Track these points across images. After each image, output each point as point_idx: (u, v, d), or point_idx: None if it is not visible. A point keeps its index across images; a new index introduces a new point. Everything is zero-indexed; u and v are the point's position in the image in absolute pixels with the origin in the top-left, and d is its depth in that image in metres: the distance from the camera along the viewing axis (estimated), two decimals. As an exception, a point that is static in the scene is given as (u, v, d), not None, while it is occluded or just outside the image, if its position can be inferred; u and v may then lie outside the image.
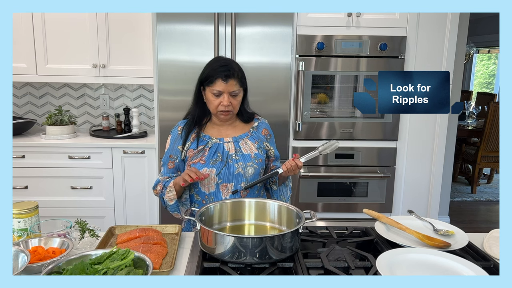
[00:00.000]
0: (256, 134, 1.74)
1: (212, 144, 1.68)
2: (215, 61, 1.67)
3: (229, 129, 1.73)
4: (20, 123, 3.02)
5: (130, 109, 3.21)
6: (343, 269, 1.26)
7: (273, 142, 1.81)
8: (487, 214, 4.45)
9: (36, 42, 2.91)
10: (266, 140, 1.76)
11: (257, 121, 1.78)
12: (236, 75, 1.61)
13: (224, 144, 1.68)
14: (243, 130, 1.74)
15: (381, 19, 2.71)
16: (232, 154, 1.66)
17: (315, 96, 2.79)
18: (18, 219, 1.41)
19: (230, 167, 1.64)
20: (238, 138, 1.71)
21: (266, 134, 1.77)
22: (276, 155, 1.80)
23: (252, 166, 1.67)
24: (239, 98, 1.66)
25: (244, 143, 1.70)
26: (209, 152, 1.66)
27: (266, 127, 1.79)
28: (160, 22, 2.59)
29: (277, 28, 2.65)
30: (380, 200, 2.90)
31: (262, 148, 1.73)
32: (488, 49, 7.46)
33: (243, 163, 1.66)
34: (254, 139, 1.73)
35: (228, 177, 1.65)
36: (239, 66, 1.66)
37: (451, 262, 1.25)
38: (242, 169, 1.65)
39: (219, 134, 1.71)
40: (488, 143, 4.82)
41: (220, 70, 1.60)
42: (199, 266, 1.24)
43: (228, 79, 1.59)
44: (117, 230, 1.54)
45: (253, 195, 1.72)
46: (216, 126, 1.73)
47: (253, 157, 1.68)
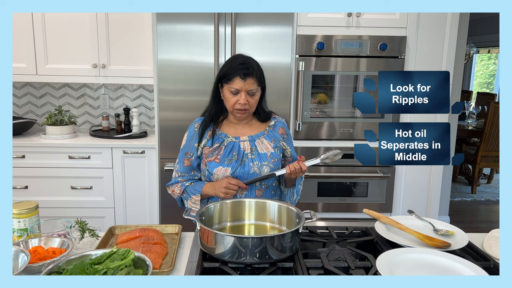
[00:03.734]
0: (273, 133, 1.73)
1: (228, 142, 1.67)
2: (234, 59, 1.65)
3: (245, 127, 1.71)
4: (20, 123, 3.02)
5: (130, 109, 3.20)
6: (343, 269, 1.26)
7: (290, 142, 1.78)
8: (487, 214, 4.45)
9: (36, 42, 2.91)
10: (282, 139, 1.74)
11: (274, 120, 1.76)
12: (254, 73, 1.59)
13: (240, 143, 1.67)
14: (259, 129, 1.72)
15: (381, 19, 2.71)
16: (247, 153, 1.65)
17: (315, 96, 2.79)
18: (18, 219, 1.41)
19: (246, 166, 1.63)
20: (254, 137, 1.69)
21: (282, 133, 1.75)
22: (293, 155, 1.77)
23: (268, 166, 1.65)
24: (256, 97, 1.63)
25: (260, 142, 1.68)
26: (224, 151, 1.65)
27: (283, 126, 1.77)
28: (160, 22, 2.59)
29: (277, 28, 2.65)
30: (380, 200, 2.90)
31: (279, 147, 1.71)
32: (488, 49, 7.46)
33: (258, 162, 1.64)
34: (270, 138, 1.71)
35: (243, 176, 1.63)
36: (258, 64, 1.64)
37: (451, 262, 1.25)
38: (257, 168, 1.64)
39: (235, 133, 1.70)
40: (488, 143, 4.82)
41: (238, 68, 1.57)
42: (199, 266, 1.24)
43: (247, 77, 1.57)
44: (117, 230, 1.54)
45: (268, 195, 1.71)
46: (233, 125, 1.72)
47: (269, 156, 1.66)
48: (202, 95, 2.69)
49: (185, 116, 2.71)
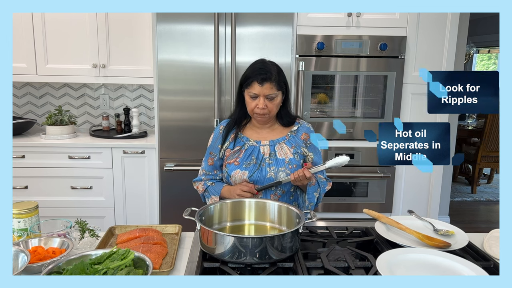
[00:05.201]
0: (294, 138, 1.72)
1: (248, 146, 1.70)
2: (255, 63, 1.68)
3: (267, 132, 1.73)
4: (20, 123, 3.02)
5: (130, 109, 3.20)
6: (343, 269, 1.26)
7: (313, 148, 1.75)
8: (487, 214, 4.45)
9: (36, 42, 2.91)
10: (304, 145, 1.73)
11: (298, 125, 1.76)
12: (273, 78, 1.60)
13: (260, 147, 1.69)
14: (281, 134, 1.73)
15: (381, 19, 2.71)
16: (266, 158, 1.67)
17: (315, 96, 2.79)
18: (18, 219, 1.41)
19: (263, 171, 1.66)
20: (275, 142, 1.70)
21: (305, 138, 1.73)
22: (316, 163, 1.73)
23: (284, 171, 1.65)
24: (276, 102, 1.65)
25: (280, 148, 1.69)
26: (244, 154, 1.68)
27: (306, 132, 1.75)
28: (160, 22, 2.59)
29: (277, 28, 2.65)
30: (380, 200, 2.90)
31: (299, 153, 1.71)
32: (488, 49, 7.46)
33: (275, 167, 1.66)
34: (291, 143, 1.71)
35: (260, 181, 1.66)
36: (278, 69, 1.66)
37: (451, 262, 1.25)
38: (273, 174, 1.66)
39: (257, 137, 1.72)
40: (488, 143, 4.82)
41: (257, 73, 1.60)
42: (199, 266, 1.24)
43: (264, 82, 1.59)
44: (117, 230, 1.54)
45: (286, 200, 1.71)
46: (255, 128, 1.74)
47: (286, 162, 1.67)
48: (202, 95, 2.69)
49: (185, 116, 2.71)
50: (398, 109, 2.80)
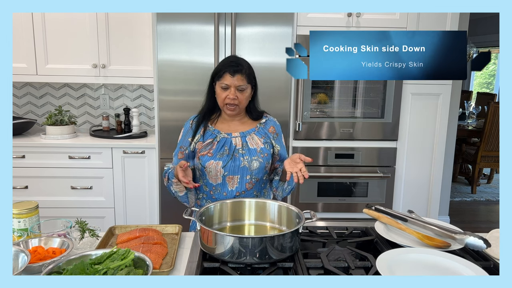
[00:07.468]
0: (263, 130, 1.80)
1: (221, 138, 1.74)
2: (226, 58, 1.77)
3: (238, 125, 1.79)
4: (20, 123, 3.02)
5: (130, 109, 3.20)
6: (343, 269, 1.26)
7: (280, 141, 1.84)
8: (487, 214, 4.45)
9: (36, 42, 2.91)
10: (272, 138, 1.80)
11: (266, 118, 1.84)
12: (244, 71, 1.68)
13: (232, 139, 1.74)
14: (251, 126, 1.80)
15: (381, 19, 2.71)
16: (239, 149, 1.73)
17: (315, 96, 2.79)
18: (18, 219, 1.41)
19: (236, 161, 1.70)
20: (245, 133, 1.77)
21: (272, 132, 1.81)
22: (281, 154, 1.81)
23: (257, 160, 1.72)
24: (246, 94, 1.71)
25: (251, 138, 1.76)
26: (217, 146, 1.73)
27: (273, 125, 1.83)
28: (160, 22, 2.59)
29: (277, 28, 2.65)
30: (380, 200, 2.90)
31: (269, 143, 1.78)
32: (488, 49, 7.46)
33: (248, 157, 1.72)
34: (260, 134, 1.78)
35: (234, 170, 1.70)
36: (248, 64, 1.74)
37: (451, 262, 1.26)
38: (247, 163, 1.71)
39: (228, 129, 1.77)
40: (488, 143, 4.82)
41: (229, 65, 1.69)
42: (199, 266, 1.24)
43: (236, 73, 1.67)
44: (117, 230, 1.54)
45: (257, 188, 1.75)
46: (226, 122, 1.80)
47: (258, 151, 1.73)
48: (202, 95, 2.67)
49: (185, 116, 2.69)
50: (398, 109, 2.79)
